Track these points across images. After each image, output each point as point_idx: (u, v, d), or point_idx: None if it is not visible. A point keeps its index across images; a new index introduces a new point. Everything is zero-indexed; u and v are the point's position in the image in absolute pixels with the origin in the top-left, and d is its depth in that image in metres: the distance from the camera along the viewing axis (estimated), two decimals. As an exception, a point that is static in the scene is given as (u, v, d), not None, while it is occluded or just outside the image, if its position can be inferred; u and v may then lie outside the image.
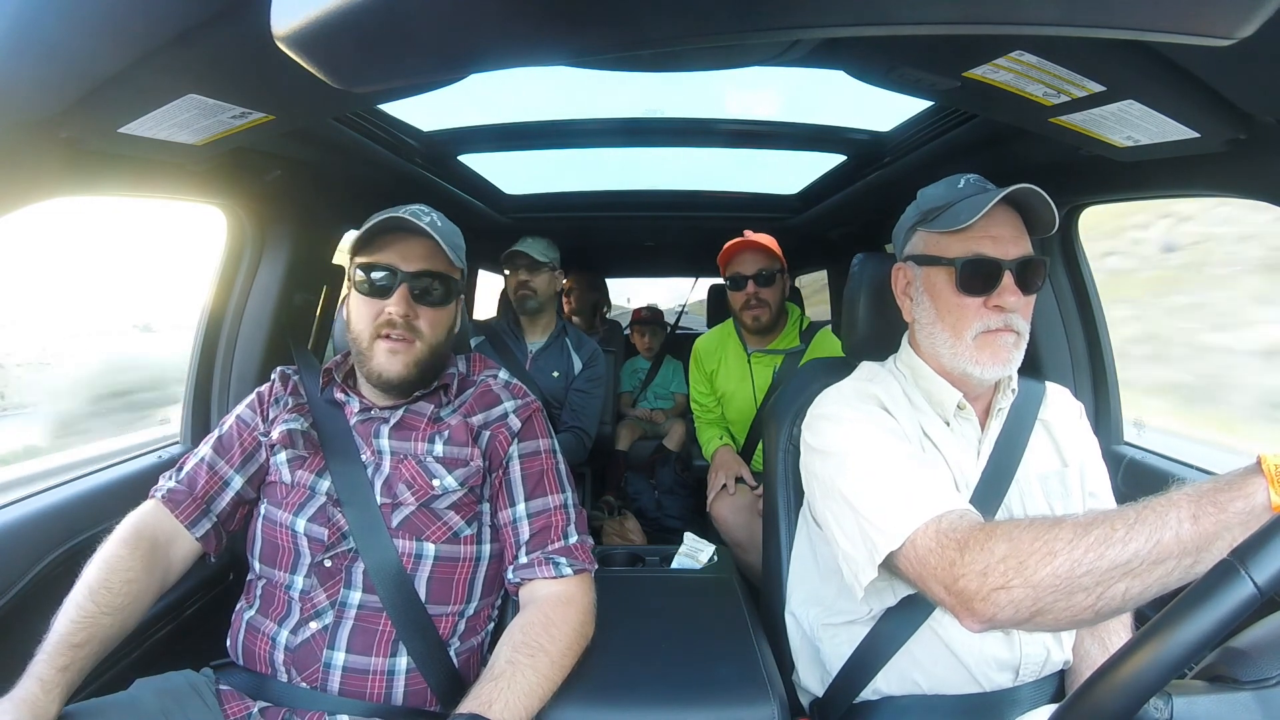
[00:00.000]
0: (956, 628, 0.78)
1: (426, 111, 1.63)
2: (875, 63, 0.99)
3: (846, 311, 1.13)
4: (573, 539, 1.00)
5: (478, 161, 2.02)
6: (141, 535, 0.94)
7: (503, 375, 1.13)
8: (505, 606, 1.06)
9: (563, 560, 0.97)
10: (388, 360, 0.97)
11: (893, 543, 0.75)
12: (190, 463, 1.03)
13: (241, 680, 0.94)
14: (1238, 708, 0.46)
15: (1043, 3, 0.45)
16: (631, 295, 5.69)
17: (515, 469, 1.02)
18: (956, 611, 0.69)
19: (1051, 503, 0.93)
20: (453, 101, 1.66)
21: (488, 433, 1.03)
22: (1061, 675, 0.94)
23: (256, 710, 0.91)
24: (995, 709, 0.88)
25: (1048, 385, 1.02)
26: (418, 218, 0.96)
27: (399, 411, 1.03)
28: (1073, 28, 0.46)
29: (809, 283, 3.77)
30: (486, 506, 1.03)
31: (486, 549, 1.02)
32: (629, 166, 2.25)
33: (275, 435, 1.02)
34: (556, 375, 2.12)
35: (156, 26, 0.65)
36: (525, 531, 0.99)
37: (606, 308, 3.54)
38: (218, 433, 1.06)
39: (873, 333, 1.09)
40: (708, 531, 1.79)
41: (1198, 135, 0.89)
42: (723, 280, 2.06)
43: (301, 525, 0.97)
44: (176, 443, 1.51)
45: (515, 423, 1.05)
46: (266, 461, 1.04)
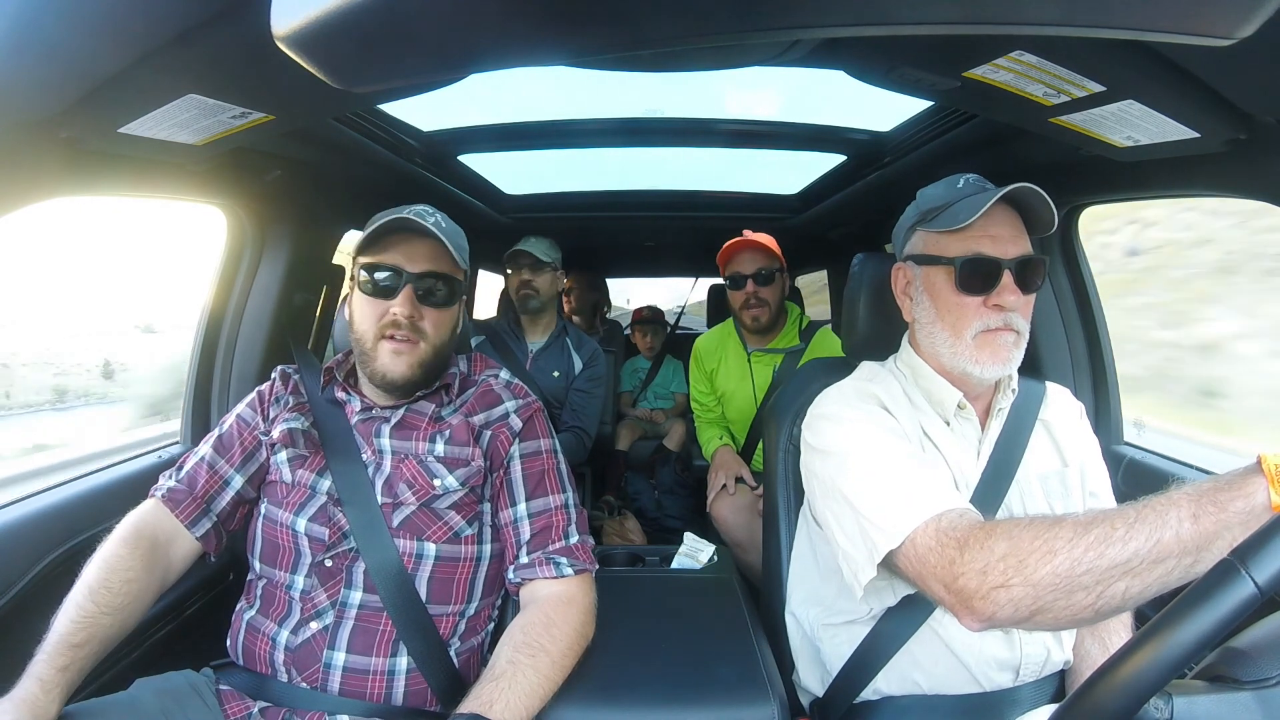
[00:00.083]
0: (957, 627, 0.78)
1: (426, 111, 1.63)
2: (875, 63, 0.99)
3: (846, 311, 1.13)
4: (574, 539, 1.00)
5: (478, 161, 2.02)
6: (141, 535, 0.94)
7: (504, 375, 1.13)
8: (505, 606, 1.06)
9: (564, 560, 0.97)
10: (392, 361, 0.97)
11: (892, 541, 0.75)
12: (190, 462, 1.03)
13: (242, 680, 0.94)
14: (1238, 708, 0.46)
15: (1043, 3, 0.45)
16: (631, 296, 5.69)
17: (516, 469, 1.02)
18: (956, 610, 0.69)
19: (1052, 503, 0.93)
20: (453, 101, 1.66)
21: (489, 432, 1.03)
22: (1062, 675, 0.94)
23: (257, 710, 0.91)
24: (995, 709, 0.88)
25: (1048, 385, 1.02)
26: (422, 218, 0.96)
27: (400, 411, 1.03)
28: (1073, 28, 0.46)
29: (808, 283, 3.77)
30: (487, 506, 1.03)
31: (487, 549, 1.02)
32: (629, 166, 2.25)
33: (276, 434, 1.02)
34: (557, 375, 2.12)
35: (156, 26, 0.65)
36: (526, 531, 0.99)
37: (607, 308, 3.54)
38: (218, 432, 1.06)
39: (873, 333, 1.09)
40: (708, 531, 1.79)
41: (1198, 135, 0.89)
42: (722, 280, 2.07)
43: (302, 525, 0.96)
44: (176, 442, 1.51)
45: (516, 423, 1.05)
46: (267, 461, 1.04)
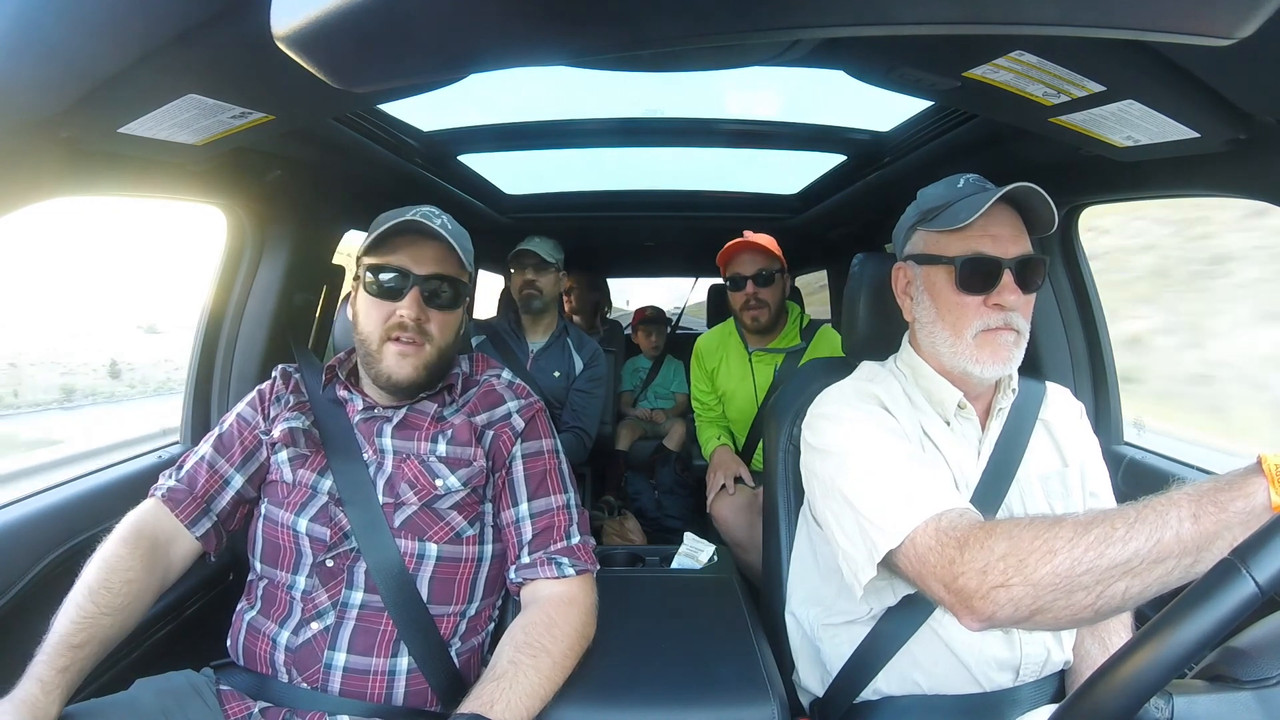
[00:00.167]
0: (957, 627, 0.78)
1: (426, 111, 1.63)
2: (875, 63, 0.99)
3: (846, 311, 1.13)
4: (575, 539, 1.00)
5: (478, 161, 2.02)
6: (141, 534, 0.94)
7: (506, 375, 1.13)
8: (506, 607, 1.06)
9: (565, 560, 0.97)
10: (397, 363, 0.97)
11: (892, 541, 0.75)
12: (190, 461, 1.03)
13: (242, 680, 0.94)
14: (1238, 707, 0.46)
15: (1043, 3, 0.45)
16: (630, 297, 5.70)
17: (518, 469, 1.02)
18: (956, 610, 0.69)
19: (1052, 503, 0.93)
20: (453, 101, 1.66)
21: (491, 432, 1.03)
22: (1062, 675, 0.94)
23: (257, 710, 0.90)
24: (996, 709, 0.88)
25: (1048, 385, 1.02)
26: (429, 219, 0.95)
27: (402, 410, 1.03)
28: (1073, 28, 0.46)
29: (807, 282, 3.77)
30: (489, 507, 1.03)
31: (489, 549, 1.02)
32: (629, 166, 2.25)
33: (276, 433, 1.02)
34: (558, 375, 2.12)
35: (156, 26, 0.65)
36: (528, 531, 0.99)
37: (607, 308, 3.54)
38: (218, 431, 1.06)
39: (873, 332, 1.09)
40: (708, 531, 1.79)
41: (1198, 135, 0.89)
42: (723, 280, 2.07)
43: (303, 525, 0.96)
44: (176, 442, 1.51)
45: (519, 423, 1.05)
46: (267, 460, 1.04)
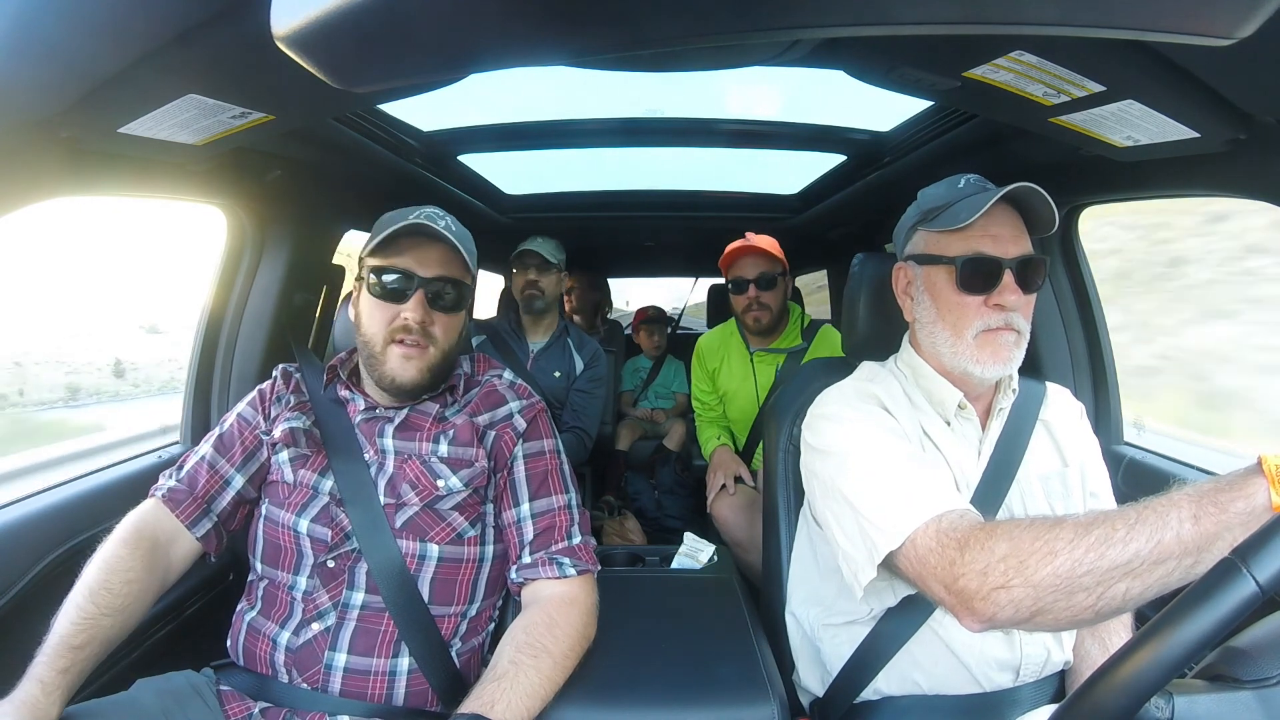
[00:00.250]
0: (957, 628, 0.78)
1: (426, 111, 1.63)
2: (875, 63, 0.99)
3: (846, 311, 1.13)
4: (576, 539, 1.00)
5: (478, 161, 2.02)
6: (142, 535, 0.94)
7: (508, 375, 1.13)
8: (506, 607, 1.06)
9: (566, 561, 0.97)
10: (401, 366, 0.97)
11: (893, 542, 0.75)
12: (191, 461, 1.03)
13: (242, 681, 0.94)
14: (1239, 707, 0.46)
15: (1043, 3, 0.45)
16: (630, 297, 5.70)
17: (520, 469, 1.02)
18: (957, 611, 0.69)
19: (1052, 503, 0.93)
20: (453, 101, 1.66)
21: (493, 433, 1.03)
22: (1062, 676, 0.94)
23: (257, 711, 0.90)
24: (996, 709, 0.88)
25: (1048, 385, 1.02)
26: (434, 221, 0.95)
27: (404, 411, 1.03)
28: (1073, 28, 0.46)
29: (806, 283, 3.77)
30: (490, 507, 1.03)
31: (490, 550, 1.02)
32: (629, 166, 2.25)
33: (277, 433, 1.01)
34: (558, 375, 2.12)
35: (156, 26, 0.65)
36: (529, 531, 0.99)
37: (608, 308, 3.54)
38: (218, 431, 1.06)
39: (873, 332, 1.09)
40: (708, 531, 1.79)
41: (1198, 135, 0.89)
42: (725, 281, 2.07)
43: (304, 526, 0.96)
44: (176, 442, 1.51)
45: (521, 423, 1.05)
46: (268, 460, 1.03)
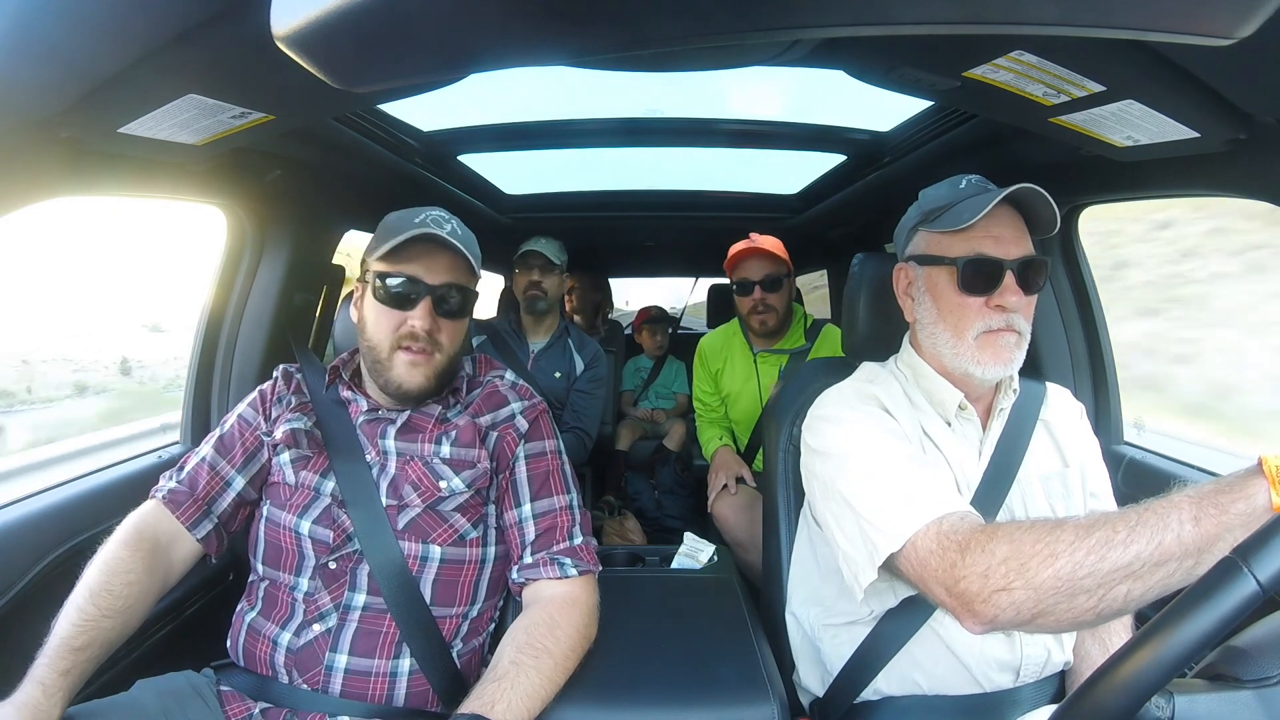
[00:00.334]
0: (957, 628, 0.78)
1: (426, 111, 1.63)
2: (875, 63, 0.99)
3: (846, 311, 1.13)
4: (578, 540, 1.00)
5: (478, 161, 2.02)
6: (143, 536, 0.93)
7: (509, 376, 1.12)
8: (507, 607, 1.06)
9: (568, 561, 0.97)
10: (408, 372, 0.96)
11: (893, 544, 0.75)
12: (191, 462, 1.03)
13: (242, 681, 0.94)
14: (1239, 706, 0.46)
15: (1043, 3, 0.45)
16: (630, 297, 5.70)
17: (522, 470, 1.02)
18: (958, 613, 0.69)
19: (1053, 503, 0.93)
20: (453, 101, 1.66)
21: (495, 434, 1.02)
22: (1062, 676, 0.94)
23: (258, 711, 0.90)
24: (996, 710, 0.87)
25: (1048, 386, 1.02)
26: (439, 226, 0.95)
27: (406, 412, 1.02)
28: (1073, 28, 0.46)
29: (804, 283, 3.78)
30: (492, 508, 1.02)
31: (492, 551, 1.02)
32: (629, 166, 2.25)
33: (279, 434, 1.01)
34: (559, 376, 2.12)
35: (156, 26, 0.65)
36: (531, 532, 0.99)
37: (609, 308, 3.54)
38: (219, 432, 1.06)
39: (873, 333, 1.09)
40: (708, 531, 1.79)
41: (1198, 135, 0.89)
42: (728, 282, 2.07)
43: (306, 527, 0.96)
44: (176, 443, 1.51)
45: (523, 424, 1.05)
46: (269, 462, 1.03)
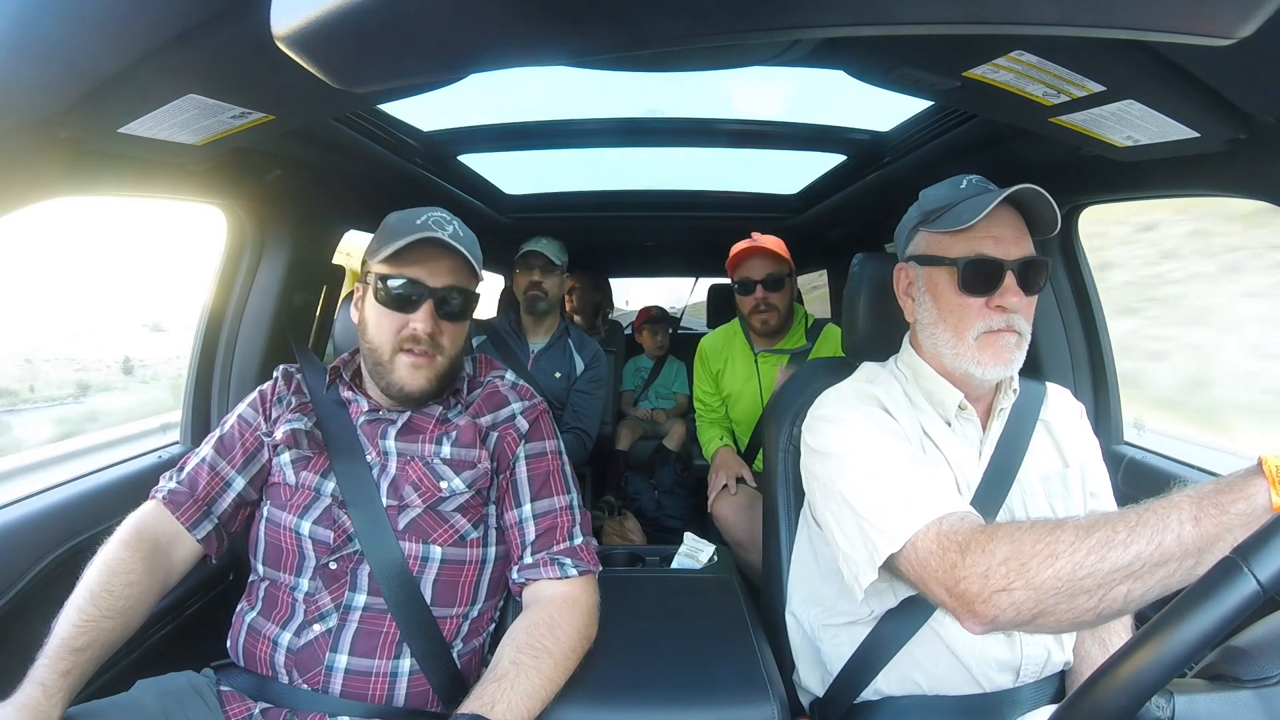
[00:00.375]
0: (957, 628, 0.78)
1: (426, 111, 1.63)
2: (875, 63, 0.99)
3: (846, 311, 1.13)
4: (578, 540, 1.00)
5: (478, 161, 2.02)
6: (143, 537, 0.93)
7: (509, 377, 1.12)
8: (507, 607, 1.06)
9: (568, 561, 0.97)
10: (410, 375, 0.96)
11: (893, 544, 0.75)
12: (191, 463, 1.03)
13: (242, 681, 0.94)
14: (1239, 706, 0.46)
15: (1043, 3, 0.45)
16: (629, 297, 5.70)
17: (522, 470, 1.02)
18: (958, 614, 0.69)
19: (1053, 503, 0.93)
20: (453, 101, 1.66)
21: (495, 434, 1.02)
22: (1062, 676, 0.94)
23: (258, 711, 0.90)
24: (996, 710, 0.87)
25: (1048, 386, 1.02)
26: (441, 228, 0.95)
27: (406, 413, 1.02)
28: (1073, 28, 0.46)
29: (804, 282, 3.77)
30: (492, 509, 1.02)
31: (492, 551, 1.02)
32: (629, 166, 2.25)
33: (279, 435, 1.01)
34: (559, 376, 2.12)
35: (156, 26, 0.65)
36: (531, 532, 0.99)
37: (609, 309, 3.54)
38: (219, 433, 1.05)
39: (873, 333, 1.09)
40: (708, 531, 1.79)
41: (1198, 135, 0.89)
42: (729, 281, 2.06)
43: (306, 528, 0.96)
44: (176, 443, 1.51)
45: (523, 424, 1.05)
46: (269, 462, 1.03)
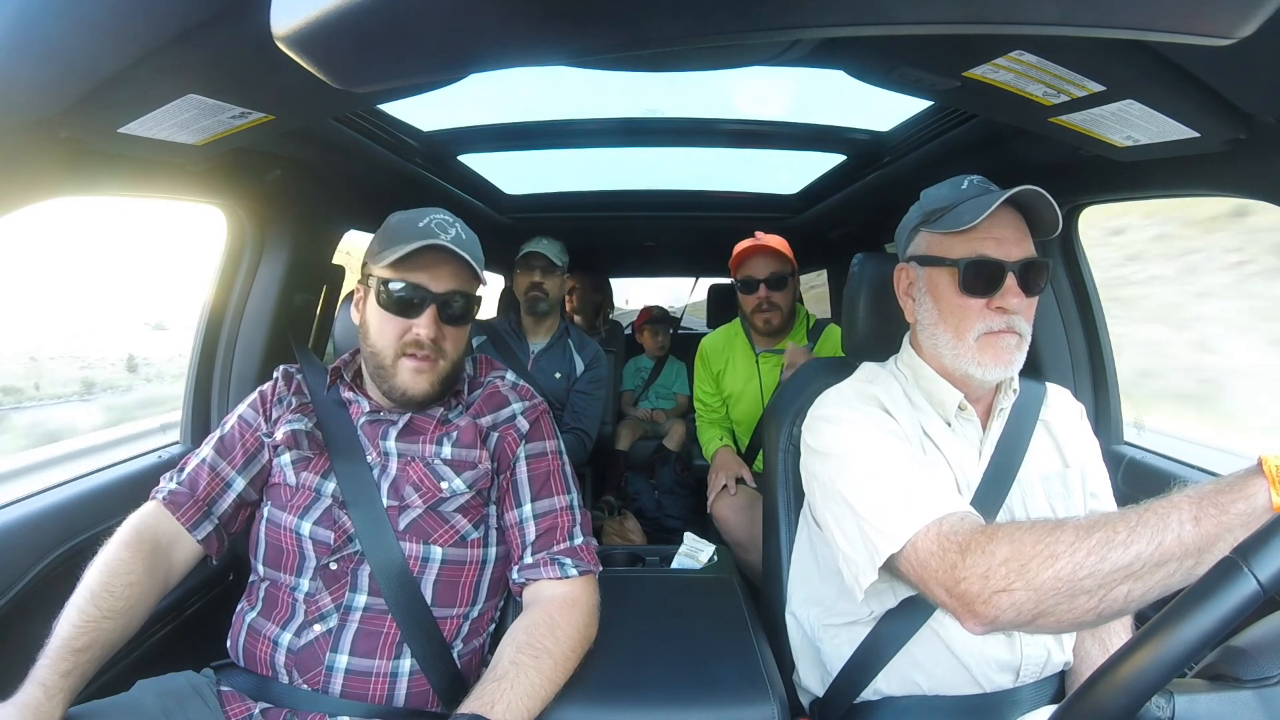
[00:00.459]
0: (957, 629, 0.78)
1: (426, 111, 1.63)
2: (875, 63, 0.99)
3: (846, 311, 1.13)
4: (578, 540, 1.00)
5: (478, 161, 2.02)
6: (143, 538, 0.93)
7: (510, 377, 1.12)
8: (507, 607, 1.06)
9: (568, 561, 0.97)
10: (413, 379, 0.96)
11: (893, 545, 0.75)
12: (191, 464, 1.03)
13: (242, 681, 0.94)
14: (1239, 706, 0.46)
15: (1043, 3, 0.45)
16: (629, 296, 5.71)
17: (522, 470, 1.02)
18: (958, 614, 0.69)
19: (1053, 503, 0.93)
20: (453, 101, 1.66)
21: (496, 434, 1.02)
22: (1062, 676, 0.94)
23: (258, 711, 0.90)
24: (996, 710, 0.87)
25: (1048, 386, 1.02)
26: (444, 231, 0.95)
27: (407, 414, 1.02)
28: (1073, 28, 0.46)
29: (802, 282, 3.77)
30: (493, 509, 1.02)
31: (493, 551, 1.02)
32: (629, 166, 2.25)
33: (279, 436, 1.01)
34: (559, 376, 2.12)
35: (156, 26, 0.65)
36: (531, 532, 0.99)
37: (610, 309, 3.54)
38: (219, 433, 1.05)
39: (873, 333, 1.09)
40: (708, 531, 1.79)
41: (1198, 135, 0.89)
42: (729, 281, 2.06)
43: (306, 528, 0.96)
44: (177, 443, 1.51)
45: (524, 424, 1.05)
46: (269, 463, 1.03)
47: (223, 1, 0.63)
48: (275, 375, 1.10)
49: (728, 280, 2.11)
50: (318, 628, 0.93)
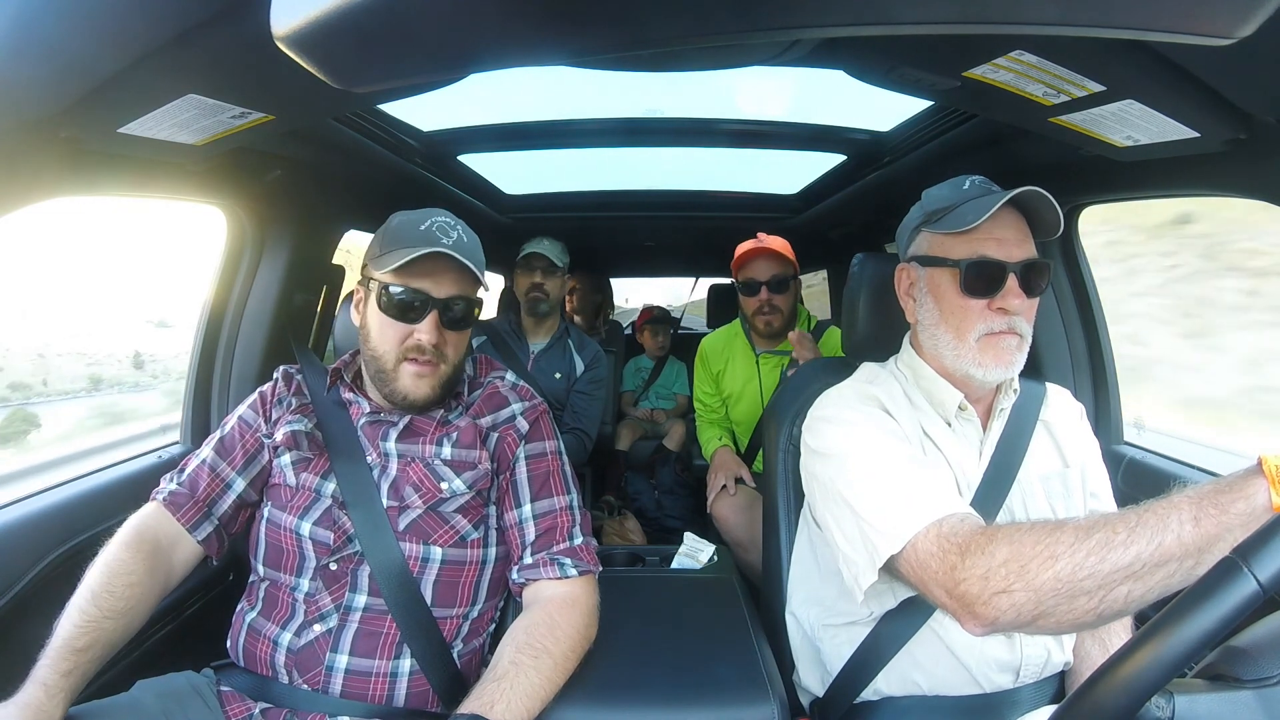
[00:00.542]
0: (957, 629, 0.77)
1: (426, 111, 1.63)
2: (875, 63, 0.99)
3: (846, 312, 1.13)
4: (578, 540, 1.00)
5: (478, 161, 2.02)
6: (143, 538, 0.94)
7: (510, 377, 1.12)
8: (507, 607, 1.06)
9: (568, 561, 0.97)
10: (414, 383, 0.96)
11: (893, 546, 0.75)
12: (192, 464, 1.03)
13: (242, 681, 0.94)
14: (1239, 706, 0.46)
15: (1043, 3, 0.45)
16: (629, 296, 5.70)
17: (522, 470, 1.02)
18: (958, 615, 0.69)
19: (1053, 503, 0.93)
20: (453, 101, 1.66)
21: (496, 435, 1.02)
22: (1062, 676, 0.94)
23: (258, 711, 0.90)
24: (996, 710, 0.88)
25: (1048, 386, 1.02)
26: (445, 234, 0.95)
27: (407, 416, 1.02)
28: (1073, 28, 0.46)
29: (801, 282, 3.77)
30: (493, 509, 1.02)
31: (493, 552, 1.02)
32: (629, 166, 2.25)
33: (279, 437, 1.01)
34: (559, 377, 2.12)
35: (156, 26, 0.65)
36: (531, 532, 0.99)
37: (610, 310, 3.54)
38: (219, 434, 1.05)
39: (873, 333, 1.09)
40: (708, 531, 1.79)
41: (1198, 135, 0.89)
42: (730, 281, 2.06)
43: (306, 529, 0.96)
44: (177, 443, 1.52)
45: (523, 425, 1.05)
46: (270, 463, 1.03)
47: (223, 1, 0.63)
48: (275, 376, 1.10)
49: (728, 280, 2.12)
50: (318, 628, 0.93)
